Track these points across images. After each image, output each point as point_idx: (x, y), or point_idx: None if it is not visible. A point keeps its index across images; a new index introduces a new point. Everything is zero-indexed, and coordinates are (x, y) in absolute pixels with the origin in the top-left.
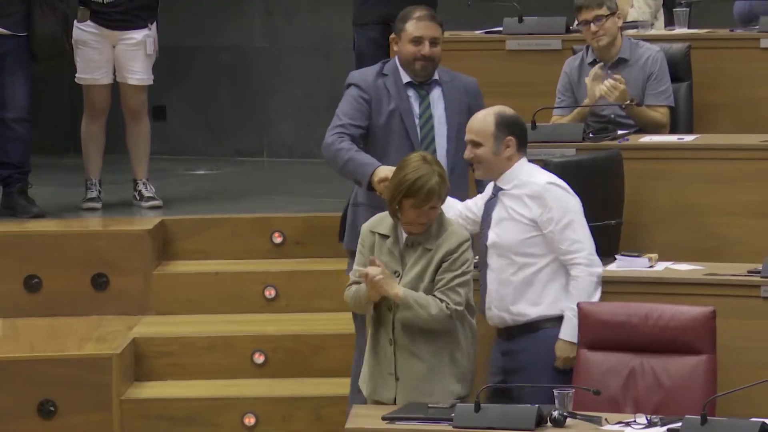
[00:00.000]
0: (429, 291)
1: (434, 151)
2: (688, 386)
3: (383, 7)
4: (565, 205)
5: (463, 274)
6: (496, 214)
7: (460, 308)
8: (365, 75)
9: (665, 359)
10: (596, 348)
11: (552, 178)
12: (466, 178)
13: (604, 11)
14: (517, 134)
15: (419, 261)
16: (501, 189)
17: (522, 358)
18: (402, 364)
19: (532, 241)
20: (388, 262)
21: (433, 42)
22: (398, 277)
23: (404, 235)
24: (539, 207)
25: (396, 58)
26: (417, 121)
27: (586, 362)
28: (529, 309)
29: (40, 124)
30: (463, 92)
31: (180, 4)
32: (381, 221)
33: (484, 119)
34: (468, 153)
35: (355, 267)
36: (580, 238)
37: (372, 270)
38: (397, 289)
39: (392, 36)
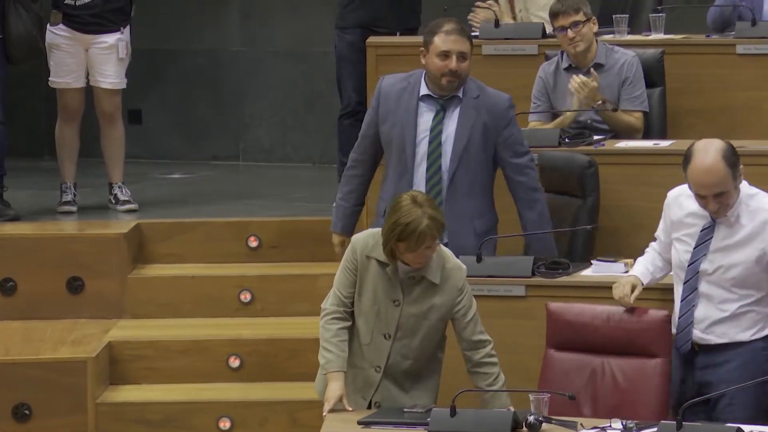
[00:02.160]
0: (433, 331)
1: (438, 168)
2: (642, 388)
3: (363, 12)
4: None
5: (474, 310)
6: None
7: (492, 345)
8: (385, 83)
9: (623, 361)
10: (562, 348)
11: None
12: (483, 194)
13: (581, 17)
14: (738, 160)
15: (424, 296)
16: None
17: (725, 369)
18: (383, 392)
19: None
20: (388, 290)
21: (461, 56)
22: (398, 305)
23: (408, 271)
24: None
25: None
26: (425, 135)
27: (551, 362)
28: (742, 334)
29: (15, 127)
30: (485, 111)
31: (156, 7)
32: (377, 246)
33: (721, 171)
34: (714, 206)
35: (338, 278)
36: None
37: None
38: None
39: (421, 49)
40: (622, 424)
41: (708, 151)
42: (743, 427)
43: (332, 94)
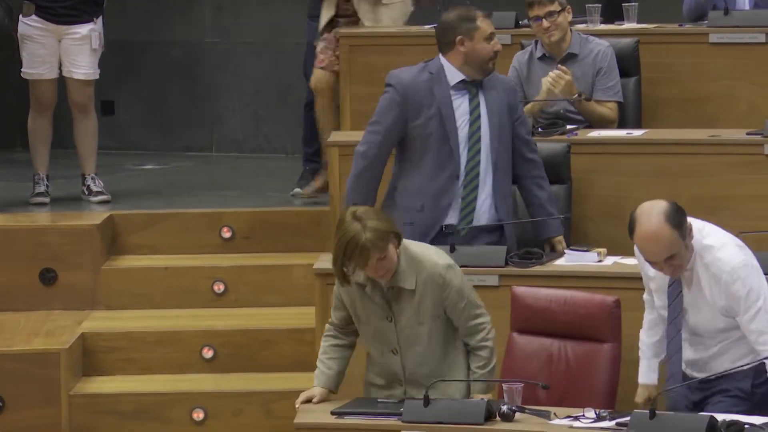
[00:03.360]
0: (434, 331)
1: (479, 150)
2: (592, 373)
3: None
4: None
5: (464, 298)
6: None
7: (489, 326)
8: (403, 77)
9: (577, 345)
10: (524, 332)
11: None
12: (509, 174)
13: (556, 7)
14: (684, 219)
15: (407, 304)
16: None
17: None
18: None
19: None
20: (376, 310)
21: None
22: (391, 321)
23: (384, 286)
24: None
25: (440, 57)
26: (465, 118)
27: (514, 345)
28: (729, 364)
29: None
30: (503, 91)
31: None
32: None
33: (666, 236)
34: (668, 270)
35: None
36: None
37: None
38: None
39: (458, 37)
40: (596, 413)
41: (651, 216)
42: (716, 415)
43: (305, 86)
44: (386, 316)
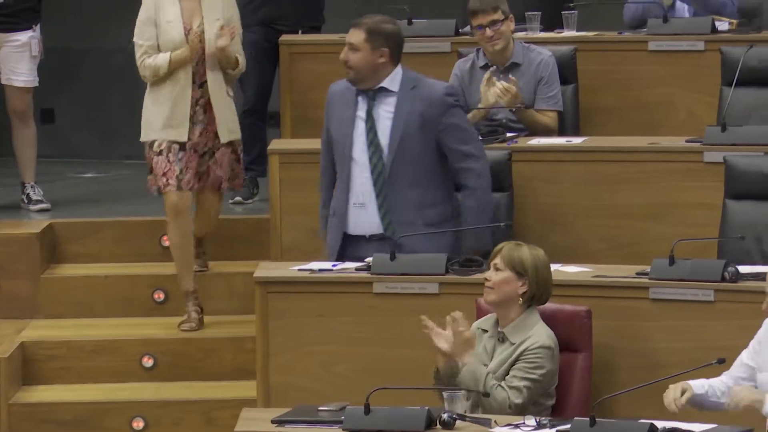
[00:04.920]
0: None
1: (371, 161)
2: (564, 383)
3: (266, 10)
4: None
5: (534, 380)
6: None
7: (515, 408)
8: (333, 87)
9: None
10: None
11: None
12: (421, 185)
13: (499, 15)
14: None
15: (503, 354)
16: None
17: None
18: None
19: None
20: (481, 355)
21: (350, 47)
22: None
23: (498, 329)
24: None
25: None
26: (362, 128)
27: None
28: None
29: None
30: (420, 100)
31: (68, 5)
32: (487, 319)
33: None
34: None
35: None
36: None
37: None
38: (468, 359)
39: None
40: (536, 420)
41: None
42: (656, 423)
43: (243, 93)
44: (484, 363)
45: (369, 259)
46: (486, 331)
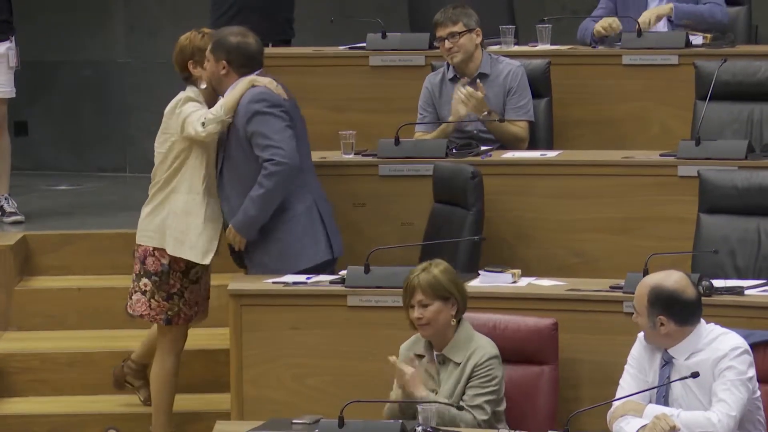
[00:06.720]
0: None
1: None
2: (530, 396)
3: (236, 23)
4: None
5: (491, 392)
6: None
7: (484, 424)
8: None
9: (512, 368)
10: None
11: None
12: (237, 180)
13: (458, 28)
14: None
15: (451, 377)
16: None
17: None
18: None
19: None
20: (427, 381)
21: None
22: (435, 394)
23: (435, 353)
24: None
25: None
26: None
27: None
28: None
29: None
30: (238, 113)
31: (42, 18)
32: (416, 342)
33: None
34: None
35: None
36: None
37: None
38: (423, 392)
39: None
40: None
41: None
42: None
43: None
44: (433, 389)
45: (343, 272)
46: (422, 356)
